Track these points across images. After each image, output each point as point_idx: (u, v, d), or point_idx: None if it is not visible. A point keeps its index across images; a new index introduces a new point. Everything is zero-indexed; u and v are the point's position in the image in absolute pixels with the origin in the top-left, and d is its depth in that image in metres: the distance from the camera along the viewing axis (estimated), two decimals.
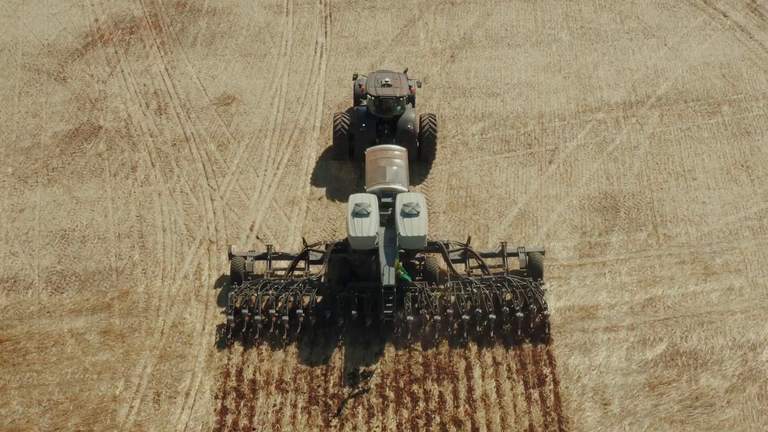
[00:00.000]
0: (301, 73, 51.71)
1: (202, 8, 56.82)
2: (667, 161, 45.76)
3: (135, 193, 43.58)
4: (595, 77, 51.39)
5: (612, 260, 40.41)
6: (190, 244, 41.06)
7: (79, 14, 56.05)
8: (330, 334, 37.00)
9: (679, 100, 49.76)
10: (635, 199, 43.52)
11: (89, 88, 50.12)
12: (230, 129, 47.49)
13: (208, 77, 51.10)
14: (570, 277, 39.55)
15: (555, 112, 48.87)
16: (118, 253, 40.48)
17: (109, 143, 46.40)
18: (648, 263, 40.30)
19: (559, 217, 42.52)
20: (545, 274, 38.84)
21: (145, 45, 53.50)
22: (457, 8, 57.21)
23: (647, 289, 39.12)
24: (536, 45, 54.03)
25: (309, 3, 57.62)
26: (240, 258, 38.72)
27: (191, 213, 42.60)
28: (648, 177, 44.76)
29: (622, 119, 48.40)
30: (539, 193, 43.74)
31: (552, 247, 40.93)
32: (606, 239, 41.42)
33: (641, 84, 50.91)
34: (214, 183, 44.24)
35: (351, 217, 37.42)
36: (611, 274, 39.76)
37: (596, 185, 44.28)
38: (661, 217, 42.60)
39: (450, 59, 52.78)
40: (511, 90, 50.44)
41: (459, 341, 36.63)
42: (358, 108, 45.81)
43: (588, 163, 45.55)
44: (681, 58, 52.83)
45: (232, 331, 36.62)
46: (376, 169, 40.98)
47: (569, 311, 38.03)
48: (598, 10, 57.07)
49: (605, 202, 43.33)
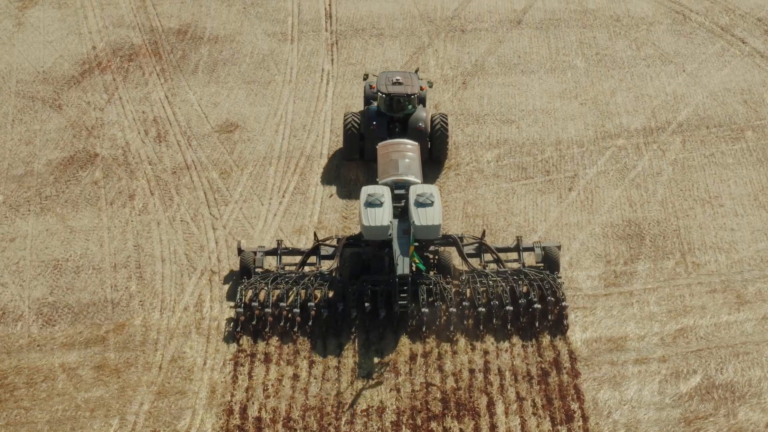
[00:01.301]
0: (307, 100, 49.67)
1: (203, 36, 54.97)
2: (692, 188, 43.55)
3: (132, 222, 41.29)
4: (613, 103, 49.35)
5: (639, 289, 38.02)
6: (190, 274, 38.68)
7: (76, 42, 54.17)
8: (342, 327, 35.85)
9: (701, 126, 47.68)
10: (661, 226, 41.23)
11: (85, 115, 48.04)
12: (233, 156, 45.33)
13: (209, 104, 49.05)
14: (595, 308, 37.12)
15: (573, 139, 46.75)
16: (113, 284, 38.09)
17: (105, 171, 44.21)
18: (677, 292, 37.90)
19: (582, 246, 40.19)
20: (567, 297, 36.79)
21: (144, 72, 51.53)
22: (468, 36, 55.39)
23: (678, 319, 36.70)
24: (551, 72, 52.07)
25: (314, 31, 55.80)
26: (250, 253, 37.73)
27: (192, 242, 40.27)
28: (673, 204, 42.51)
29: (643, 145, 46.27)
30: (559, 221, 41.46)
31: (575, 276, 38.58)
32: (632, 268, 39.06)
33: (661, 110, 48.86)
34: (216, 212, 41.96)
35: (364, 207, 36.61)
36: (639, 303, 37.36)
37: (619, 212, 42.02)
38: (688, 244, 40.29)
39: (462, 86, 50.79)
40: (526, 116, 48.37)
41: (476, 333, 35.71)
42: (368, 107, 44.63)
43: (609, 190, 43.31)
44: (700, 84, 50.84)
45: (241, 324, 35.49)
46: (388, 162, 40.20)
47: (596, 343, 35.55)
48: (613, 38, 55.22)
49: (629, 230, 41.03)
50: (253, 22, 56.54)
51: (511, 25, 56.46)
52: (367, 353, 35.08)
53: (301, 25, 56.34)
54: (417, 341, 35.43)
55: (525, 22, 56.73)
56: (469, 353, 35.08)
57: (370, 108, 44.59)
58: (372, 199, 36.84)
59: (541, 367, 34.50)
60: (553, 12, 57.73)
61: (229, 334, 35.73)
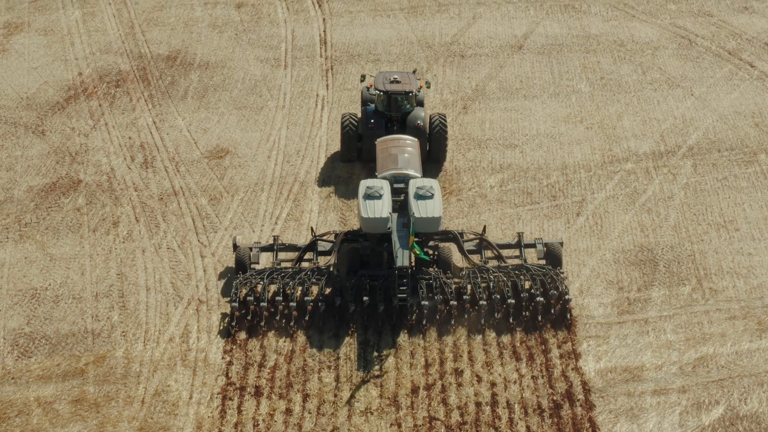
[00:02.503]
0: (301, 125, 47.63)
1: (194, 62, 53.08)
2: (706, 212, 41.42)
3: (116, 249, 39.00)
4: (620, 127, 47.37)
5: (655, 317, 35.72)
6: (176, 304, 36.33)
7: (61, 68, 52.24)
8: (340, 322, 34.91)
9: (712, 149, 45.68)
10: (674, 251, 39.03)
11: (69, 141, 45.94)
12: (223, 183, 43.17)
13: (199, 130, 46.99)
14: (609, 336, 34.79)
15: (579, 163, 44.69)
16: (95, 314, 35.72)
17: (89, 197, 42.00)
18: (695, 319, 35.61)
19: (592, 272, 37.94)
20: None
21: (132, 98, 49.53)
22: (467, 61, 53.54)
23: (697, 347, 34.36)
24: (554, 96, 50.15)
25: (309, 57, 53.93)
26: (245, 249, 36.91)
27: (179, 271, 37.96)
28: (686, 228, 40.34)
29: (653, 169, 44.20)
30: (568, 247, 39.22)
31: (586, 303, 36.29)
32: (646, 294, 36.79)
33: (670, 134, 46.88)
34: (204, 239, 39.70)
35: (362, 199, 35.84)
36: (655, 331, 35.04)
37: (630, 238, 39.83)
38: (704, 270, 38.06)
39: (462, 110, 48.81)
40: (530, 141, 46.32)
41: (477, 328, 34.80)
42: (366, 107, 43.64)
43: (619, 215, 41.16)
44: (710, 108, 48.93)
45: (236, 319, 34.56)
46: (387, 156, 39.30)
47: (611, 373, 33.16)
48: (618, 62, 53.41)
49: (642, 256, 38.81)
50: (245, 48, 54.71)
51: (511, 50, 54.66)
52: (367, 381, 32.68)
53: (295, 51, 54.50)
54: (418, 372, 33.08)
55: (526, 47, 54.95)
56: (475, 385, 32.71)
57: (368, 108, 43.57)
58: (371, 191, 35.99)
59: (553, 400, 32.12)
60: (555, 37, 55.99)
61: (223, 329, 34.62)
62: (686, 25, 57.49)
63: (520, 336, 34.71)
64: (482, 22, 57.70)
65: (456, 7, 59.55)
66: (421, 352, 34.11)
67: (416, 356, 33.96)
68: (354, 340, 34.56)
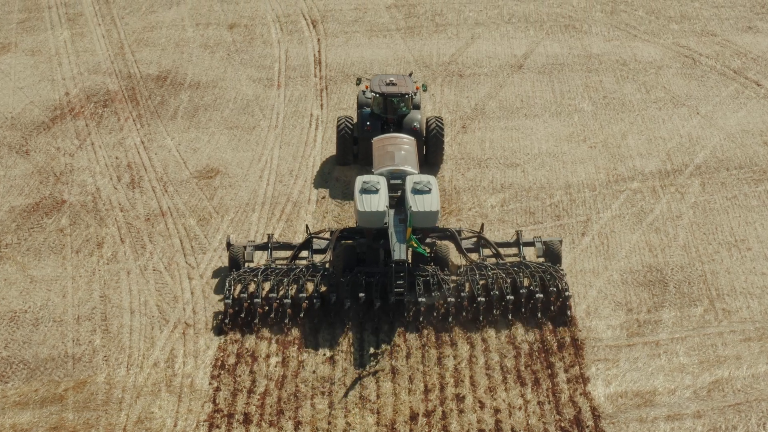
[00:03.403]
0: (294, 145, 46.01)
1: (184, 82, 51.58)
2: (716, 231, 39.72)
3: (100, 271, 37.19)
4: (625, 146, 45.80)
5: (666, 339, 33.89)
6: (162, 327, 34.47)
7: (48, 88, 50.73)
8: (335, 320, 34.11)
9: (721, 168, 44.08)
10: (685, 271, 37.28)
11: (54, 161, 44.29)
12: (213, 203, 41.45)
13: (189, 150, 45.35)
14: (618, 360, 32.94)
15: (583, 182, 43.05)
16: (76, 338, 33.84)
17: (72, 218, 40.26)
18: (708, 341, 33.78)
19: (599, 293, 36.16)
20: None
21: (120, 118, 47.95)
22: (466, 80, 52.09)
23: (711, 370, 32.51)
24: (556, 115, 48.62)
25: (303, 77, 52.46)
26: (239, 247, 36.23)
27: (165, 293, 36.14)
28: (696, 248, 38.63)
29: (660, 188, 42.56)
30: (573, 268, 37.48)
31: (594, 326, 34.47)
32: (656, 316, 34.99)
33: (676, 152, 45.30)
34: (192, 260, 37.92)
35: (359, 194, 35.08)
36: (667, 354, 33.20)
37: (638, 258, 38.09)
38: (716, 290, 36.30)
39: (461, 130, 47.25)
40: (531, 160, 44.71)
41: (475, 326, 33.93)
42: (361, 110, 43.25)
43: (626, 235, 39.45)
44: (716, 126, 47.40)
45: (230, 316, 33.82)
46: (384, 154, 38.66)
47: (622, 398, 31.27)
48: (620, 81, 51.98)
49: (651, 276, 37.06)
50: (237, 68, 53.25)
51: (511, 69, 53.23)
52: (364, 406, 30.81)
53: (289, 71, 53.04)
54: (417, 398, 31.20)
55: (526, 66, 53.53)
56: (478, 411, 30.79)
57: (363, 110, 43.11)
58: (367, 185, 35.27)
59: (561, 426, 30.23)
60: (556, 57, 54.59)
61: (216, 326, 33.86)
62: (689, 44, 56.17)
63: (525, 360, 32.89)
64: (481, 42, 56.35)
65: (454, 27, 58.25)
66: (420, 377, 32.26)
67: (415, 381, 32.11)
68: (350, 360, 32.69)
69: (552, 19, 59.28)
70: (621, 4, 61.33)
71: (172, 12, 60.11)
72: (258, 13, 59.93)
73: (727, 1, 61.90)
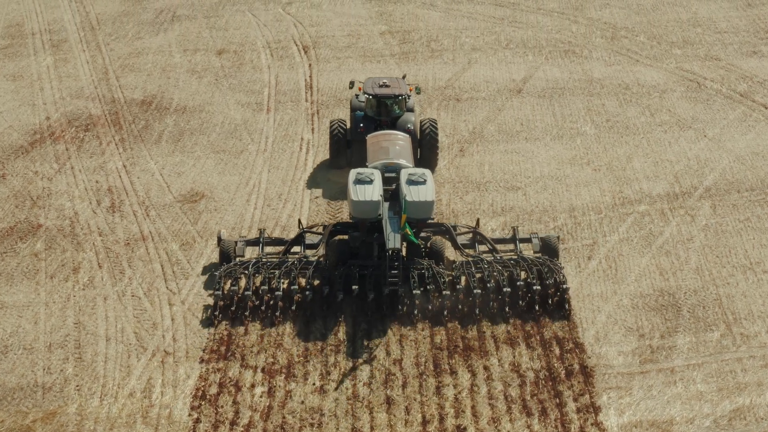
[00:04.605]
0: (284, 169, 43.86)
1: (170, 107, 49.53)
2: (729, 254, 37.52)
3: (75, 297, 34.82)
4: (630, 169, 43.71)
5: (681, 366, 31.54)
6: (139, 355, 32.04)
7: (28, 112, 48.65)
8: (328, 313, 33.42)
9: (731, 190, 41.98)
10: (699, 295, 35.01)
11: (31, 185, 42.07)
12: (197, 227, 39.19)
13: (173, 174, 43.17)
14: (632, 387, 30.55)
15: (588, 205, 40.89)
16: (46, 367, 31.39)
17: (48, 242, 37.96)
18: (727, 368, 31.44)
19: (609, 318, 33.84)
20: None
21: (102, 142, 45.81)
22: (463, 104, 50.12)
23: (731, 398, 30.15)
24: (558, 138, 46.59)
25: (293, 101, 50.46)
26: (230, 241, 35.74)
27: (143, 320, 33.74)
28: (710, 271, 36.38)
29: (669, 211, 40.41)
30: (580, 292, 35.20)
31: (604, 352, 32.12)
32: (670, 342, 32.66)
33: (684, 175, 43.21)
34: (174, 286, 35.57)
35: (353, 185, 34.37)
36: (683, 382, 30.83)
37: (648, 282, 35.83)
38: (733, 314, 34.02)
39: (459, 153, 45.16)
40: (533, 183, 42.57)
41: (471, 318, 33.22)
42: (355, 113, 42.70)
43: (635, 258, 37.21)
44: (725, 149, 45.38)
45: (220, 309, 33.13)
46: (378, 149, 38.10)
47: (636, 428, 28.85)
48: (624, 105, 50.02)
49: (663, 300, 34.78)
50: (225, 93, 51.25)
51: (510, 94, 51.30)
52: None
53: (279, 95, 51.05)
54: (415, 431, 28.73)
55: (525, 91, 51.61)
56: None
57: (357, 113, 42.56)
58: (361, 177, 34.66)
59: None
60: (556, 81, 52.70)
61: (206, 319, 33.08)
62: (693, 68, 54.36)
63: (531, 388, 30.49)
64: (478, 67, 54.49)
65: (450, 52, 56.45)
66: (418, 408, 29.85)
67: (412, 412, 29.70)
68: (341, 390, 30.29)
69: (551, 44, 57.52)
70: (621, 30, 59.63)
71: (159, 38, 58.27)
72: (248, 40, 58.12)
73: (730, 27, 60.23)
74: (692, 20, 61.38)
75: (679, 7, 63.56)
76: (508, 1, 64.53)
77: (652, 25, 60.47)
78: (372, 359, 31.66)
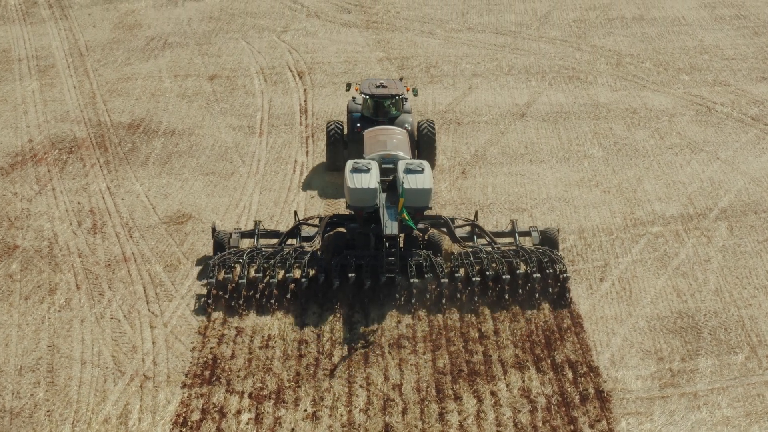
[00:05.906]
0: (276, 191, 41.66)
1: (158, 130, 47.43)
2: (750, 275, 35.22)
3: (50, 319, 32.41)
4: (641, 191, 41.54)
5: (705, 390, 29.09)
6: (116, 380, 29.57)
7: (10, 135, 46.55)
8: (323, 300, 32.73)
9: (748, 211, 39.79)
10: (719, 317, 32.64)
11: (10, 206, 39.83)
12: (182, 249, 36.88)
13: (159, 195, 40.94)
14: (652, 413, 28.07)
15: (598, 227, 38.65)
16: (15, 391, 28.92)
17: (24, 264, 35.62)
18: (754, 391, 29.02)
19: (624, 341, 31.43)
20: None
21: (86, 164, 43.64)
22: (465, 128, 48.07)
23: (760, 423, 27.74)
24: (564, 161, 44.46)
25: (287, 125, 48.39)
26: (224, 232, 35.24)
27: (122, 343, 31.30)
28: (730, 293, 34.05)
29: (683, 232, 38.17)
30: (593, 314, 32.84)
31: (621, 377, 29.68)
32: (692, 365, 30.23)
33: (698, 196, 41.03)
34: (156, 308, 33.17)
35: (349, 173, 33.98)
36: (708, 407, 28.36)
37: (665, 304, 33.47)
38: (757, 336, 31.65)
39: (461, 175, 43.00)
40: (540, 205, 40.36)
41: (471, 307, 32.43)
42: (352, 114, 42.22)
43: (650, 280, 34.88)
44: (739, 171, 43.25)
45: (213, 297, 32.46)
46: (375, 142, 37.65)
47: None
48: (632, 128, 47.99)
49: (681, 323, 32.40)
50: (216, 116, 49.18)
51: (513, 117, 49.28)
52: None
53: (272, 119, 48.99)
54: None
55: (529, 114, 49.60)
56: None
57: (354, 114, 42.12)
58: (358, 165, 34.37)
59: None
60: (560, 105, 50.72)
61: (199, 307, 32.38)
62: (702, 93, 52.42)
63: (542, 414, 28.01)
64: (479, 92, 52.56)
65: (450, 78, 54.56)
66: None
67: None
68: (335, 416, 27.80)
69: (554, 70, 55.65)
70: (627, 57, 57.83)
71: (150, 64, 56.37)
72: (241, 66, 56.24)
73: (738, 54, 58.45)
74: (699, 48, 59.63)
75: (684, 36, 61.86)
76: (508, 29, 62.85)
77: (658, 53, 58.69)
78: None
